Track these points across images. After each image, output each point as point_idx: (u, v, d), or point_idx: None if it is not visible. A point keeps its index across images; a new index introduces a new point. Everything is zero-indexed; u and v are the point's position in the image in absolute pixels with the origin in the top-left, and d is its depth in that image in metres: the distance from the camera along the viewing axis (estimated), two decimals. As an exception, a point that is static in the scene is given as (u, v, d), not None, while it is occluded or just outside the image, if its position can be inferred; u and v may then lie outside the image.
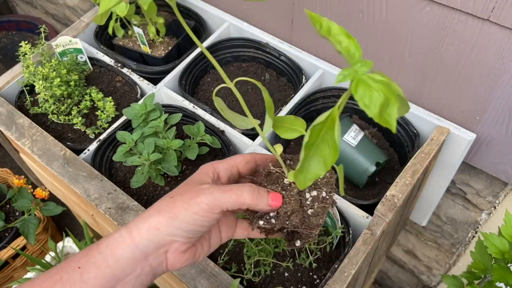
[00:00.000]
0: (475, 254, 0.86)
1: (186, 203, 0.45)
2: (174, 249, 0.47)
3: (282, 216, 0.48)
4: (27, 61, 1.02)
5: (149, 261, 0.47)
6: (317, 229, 0.49)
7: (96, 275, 0.45)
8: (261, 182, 0.50)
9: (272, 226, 0.49)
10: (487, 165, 0.95)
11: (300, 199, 0.49)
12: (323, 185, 0.50)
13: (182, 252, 0.48)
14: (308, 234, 0.50)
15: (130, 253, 0.46)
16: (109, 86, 1.09)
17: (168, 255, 0.47)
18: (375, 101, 0.33)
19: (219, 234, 0.52)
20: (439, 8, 0.77)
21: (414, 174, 0.82)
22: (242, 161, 0.52)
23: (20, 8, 2.54)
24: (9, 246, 1.67)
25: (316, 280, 0.78)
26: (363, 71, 0.35)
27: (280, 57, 1.07)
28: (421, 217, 1.17)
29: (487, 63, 0.78)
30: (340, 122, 0.90)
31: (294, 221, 0.48)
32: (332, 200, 0.50)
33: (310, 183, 0.42)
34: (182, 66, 1.05)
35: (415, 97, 0.94)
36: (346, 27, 0.94)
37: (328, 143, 0.38)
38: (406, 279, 1.60)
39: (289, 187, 0.49)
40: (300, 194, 0.49)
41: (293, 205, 0.48)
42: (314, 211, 0.48)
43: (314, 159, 0.39)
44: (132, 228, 0.47)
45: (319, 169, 0.40)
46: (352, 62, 0.36)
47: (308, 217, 0.48)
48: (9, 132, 0.96)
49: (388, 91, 0.33)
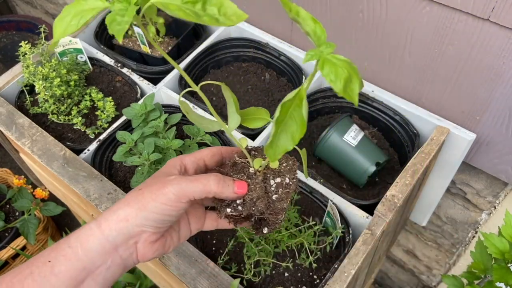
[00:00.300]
0: (475, 254, 0.86)
1: (154, 194, 0.47)
2: (144, 239, 0.48)
3: (248, 203, 0.50)
4: (27, 61, 1.01)
5: (119, 253, 0.47)
6: (282, 214, 0.52)
7: (67, 267, 0.45)
8: (227, 173, 0.52)
9: (239, 213, 0.51)
10: (487, 165, 0.95)
11: (265, 186, 0.51)
12: (286, 172, 0.53)
13: (152, 242, 0.49)
14: (275, 221, 0.52)
15: (99, 245, 0.46)
16: (109, 86, 1.09)
17: (138, 246, 0.48)
18: (340, 76, 0.37)
19: (188, 226, 0.54)
20: (439, 8, 0.77)
21: (414, 174, 0.82)
22: (208, 154, 0.54)
23: (20, 8, 2.54)
24: (9, 246, 1.67)
25: (316, 280, 0.78)
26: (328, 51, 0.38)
27: (280, 57, 1.07)
28: (421, 217, 1.17)
29: (487, 63, 0.78)
30: (340, 122, 0.90)
31: (260, 207, 0.50)
32: (295, 186, 0.52)
33: (280, 157, 0.44)
34: (182, 66, 1.05)
35: (415, 97, 0.94)
36: (346, 27, 0.95)
37: (296, 120, 0.41)
38: (406, 279, 1.60)
39: (254, 176, 0.51)
40: (264, 181, 0.52)
41: (259, 192, 0.50)
42: (279, 196, 0.51)
43: (283, 134, 0.42)
44: (101, 221, 0.47)
45: (287, 144, 0.42)
46: (318, 43, 0.39)
47: (273, 202, 0.51)
48: (9, 132, 0.96)
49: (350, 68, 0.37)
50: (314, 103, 1.01)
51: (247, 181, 0.51)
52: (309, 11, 1.02)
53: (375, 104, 0.97)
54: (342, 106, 1.01)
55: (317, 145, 0.91)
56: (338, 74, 0.36)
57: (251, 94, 1.06)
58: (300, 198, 0.86)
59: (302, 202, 0.86)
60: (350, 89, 0.37)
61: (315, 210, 0.85)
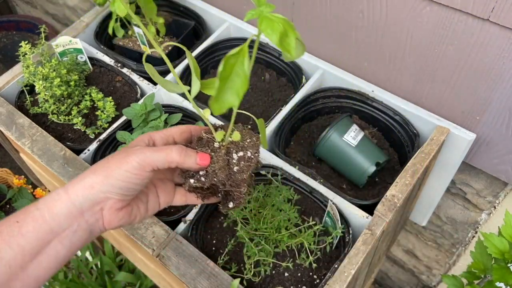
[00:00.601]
0: (475, 254, 0.86)
1: (118, 162, 0.50)
2: (109, 206, 0.50)
3: (210, 174, 0.53)
4: (27, 61, 1.02)
5: (85, 218, 0.50)
6: (243, 186, 0.55)
7: (34, 228, 0.48)
8: (193, 147, 0.55)
9: (202, 184, 0.54)
10: (487, 165, 0.95)
11: (228, 159, 0.54)
12: (249, 147, 0.56)
13: (117, 209, 0.51)
14: (238, 194, 0.55)
15: (66, 210, 0.49)
16: (109, 86, 1.09)
17: (104, 213, 0.51)
18: (276, 30, 0.41)
19: (157, 199, 0.56)
20: (439, 8, 0.77)
21: (414, 174, 0.82)
22: (178, 131, 0.57)
23: (20, 8, 2.54)
24: (9, 246, 1.67)
25: (316, 280, 0.78)
26: (267, 11, 0.43)
27: (280, 57, 1.07)
28: (421, 217, 1.17)
29: (487, 63, 0.78)
30: (340, 122, 0.90)
31: (221, 177, 0.53)
32: (256, 160, 0.55)
33: (224, 111, 0.46)
34: (182, 66, 1.05)
35: (415, 97, 0.94)
36: (346, 27, 0.95)
37: (240, 76, 0.44)
38: (406, 279, 1.60)
39: (218, 149, 0.55)
40: (228, 155, 0.55)
41: (221, 163, 0.53)
42: (239, 168, 0.54)
43: (228, 91, 0.45)
44: (68, 187, 0.50)
45: (233, 99, 0.45)
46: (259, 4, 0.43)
47: (234, 174, 0.54)
48: (9, 132, 0.96)
49: (287, 24, 0.41)
50: (314, 103, 1.01)
51: (210, 154, 0.54)
52: (309, 11, 1.02)
53: (375, 104, 0.97)
54: (342, 106, 1.02)
55: (317, 145, 0.91)
56: (275, 29, 0.41)
57: (251, 94, 1.06)
58: (300, 198, 0.86)
59: (302, 202, 0.86)
60: (286, 42, 0.41)
61: (315, 210, 0.85)
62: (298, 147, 0.99)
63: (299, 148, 0.99)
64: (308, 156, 0.97)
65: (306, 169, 0.87)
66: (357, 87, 0.98)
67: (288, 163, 0.88)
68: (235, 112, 0.52)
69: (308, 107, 1.01)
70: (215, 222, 0.86)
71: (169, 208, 0.89)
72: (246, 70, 0.43)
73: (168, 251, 0.77)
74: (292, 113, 0.97)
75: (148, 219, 0.81)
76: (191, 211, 0.82)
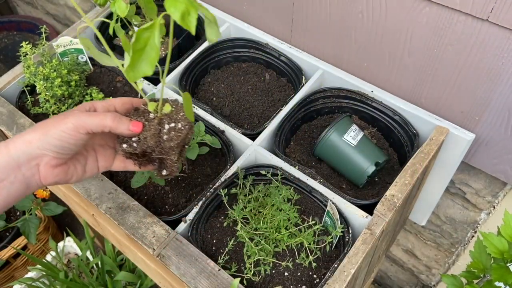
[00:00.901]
0: (474, 254, 0.87)
1: (56, 122, 0.54)
2: (45, 162, 0.55)
3: (142, 140, 0.58)
4: (28, 61, 1.02)
5: (22, 171, 0.54)
6: (172, 154, 0.59)
7: None
8: (129, 116, 0.60)
9: (134, 149, 0.58)
10: (486, 165, 0.95)
11: (160, 129, 0.59)
12: (181, 120, 0.60)
13: (53, 166, 0.55)
14: (171, 163, 0.61)
15: (4, 162, 0.53)
16: (109, 86, 1.09)
17: (40, 168, 0.55)
18: (178, 9, 0.45)
19: (96, 163, 0.61)
20: (438, 8, 0.77)
21: (414, 174, 0.82)
22: (119, 102, 0.61)
23: (21, 9, 2.54)
24: (10, 246, 1.68)
25: (316, 279, 0.78)
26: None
27: (280, 57, 1.07)
28: (421, 217, 1.18)
29: (486, 64, 0.79)
30: (340, 122, 0.91)
31: (150, 143, 0.58)
32: (186, 131, 0.60)
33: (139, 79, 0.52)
34: (182, 66, 1.06)
35: (415, 97, 0.94)
36: (346, 27, 0.95)
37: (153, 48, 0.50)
38: (406, 278, 1.60)
39: (151, 120, 0.59)
40: (160, 125, 0.59)
41: (153, 131, 0.58)
42: (169, 137, 0.59)
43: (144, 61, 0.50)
44: (9, 142, 0.54)
45: (147, 69, 0.51)
46: None
47: (163, 142, 0.59)
48: (10, 132, 0.97)
49: (190, 4, 0.46)
50: (314, 103, 1.01)
51: (143, 123, 0.59)
52: (309, 12, 1.02)
53: (375, 104, 0.97)
54: (341, 106, 1.02)
55: (317, 145, 0.92)
56: (177, 7, 0.45)
57: (251, 94, 1.06)
58: (300, 198, 0.86)
59: (302, 202, 0.86)
60: (188, 20, 0.46)
61: (315, 209, 0.85)
62: (298, 147, 0.99)
63: (299, 148, 0.99)
64: (308, 156, 0.97)
65: (306, 169, 0.87)
66: (357, 87, 0.98)
67: (288, 163, 0.88)
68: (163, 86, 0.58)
69: (308, 107, 1.01)
70: (215, 222, 0.86)
71: (170, 208, 0.89)
72: (157, 43, 0.49)
73: (168, 251, 0.77)
74: (292, 113, 0.97)
75: (148, 218, 0.81)
76: (192, 211, 0.83)
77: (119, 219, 0.82)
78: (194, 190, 0.92)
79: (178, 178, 0.94)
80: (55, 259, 1.66)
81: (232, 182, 0.87)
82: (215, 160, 0.96)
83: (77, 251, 1.76)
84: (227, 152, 0.93)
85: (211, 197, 0.84)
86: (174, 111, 0.61)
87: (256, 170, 0.89)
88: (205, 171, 0.94)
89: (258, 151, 0.90)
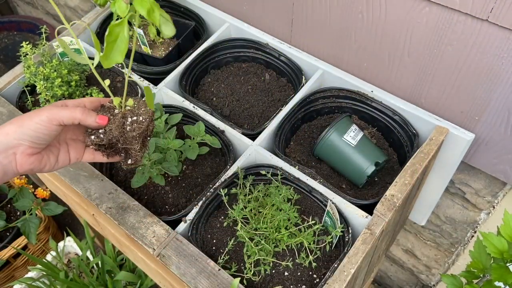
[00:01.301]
0: (474, 254, 0.87)
1: (31, 115, 0.61)
2: (21, 151, 0.61)
3: (107, 132, 0.65)
4: (28, 61, 1.02)
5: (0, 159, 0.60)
6: (135, 144, 0.66)
7: None
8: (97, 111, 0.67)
9: (101, 140, 0.65)
10: (486, 165, 0.95)
11: (124, 122, 0.66)
12: (143, 114, 0.67)
13: (29, 155, 0.61)
14: (135, 153, 0.68)
15: None
16: (109, 86, 1.09)
17: (17, 157, 0.61)
18: (144, 6, 0.57)
19: (67, 155, 0.67)
20: (438, 8, 0.77)
21: (413, 174, 0.83)
22: (88, 100, 0.68)
23: (21, 9, 2.55)
24: (10, 246, 1.68)
25: (316, 279, 0.79)
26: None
27: (280, 57, 1.08)
28: (420, 217, 1.18)
29: (486, 64, 0.79)
30: (340, 122, 0.91)
31: (115, 134, 0.65)
32: (147, 123, 0.67)
33: (112, 65, 0.61)
34: (183, 66, 1.06)
35: (414, 97, 0.95)
36: (346, 27, 0.95)
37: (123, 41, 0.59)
38: (406, 278, 1.60)
39: (116, 114, 0.67)
40: (124, 118, 0.67)
41: (117, 124, 0.66)
42: (131, 128, 0.66)
43: (116, 51, 0.60)
44: None
45: (118, 57, 0.60)
46: None
47: (127, 132, 0.66)
48: (10, 132, 0.96)
49: (153, 4, 0.58)
50: (313, 103, 1.01)
51: (109, 116, 0.66)
52: (309, 12, 1.02)
53: (375, 104, 0.97)
54: (341, 106, 1.02)
55: (317, 145, 0.92)
56: (143, 6, 0.57)
57: (251, 94, 1.07)
58: (300, 198, 0.86)
59: (302, 201, 0.86)
60: (153, 15, 0.59)
61: (315, 209, 0.85)
62: (298, 147, 0.99)
63: (299, 148, 0.99)
64: (308, 156, 0.97)
65: (306, 169, 0.87)
66: (357, 87, 0.98)
67: (288, 163, 0.88)
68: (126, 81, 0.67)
69: (308, 107, 1.01)
70: (215, 222, 0.86)
71: (170, 208, 0.90)
72: (126, 36, 0.59)
73: (168, 251, 0.77)
74: (292, 113, 0.97)
75: (148, 218, 0.81)
76: (192, 211, 0.83)
77: (119, 219, 0.82)
78: (194, 190, 0.92)
79: (179, 178, 0.94)
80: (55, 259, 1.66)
81: (232, 182, 0.87)
82: (215, 160, 0.96)
83: (77, 251, 1.76)
84: (227, 152, 0.93)
85: (211, 197, 0.84)
86: (136, 106, 0.68)
87: (256, 170, 0.89)
88: (205, 171, 0.95)
89: (258, 151, 0.90)
